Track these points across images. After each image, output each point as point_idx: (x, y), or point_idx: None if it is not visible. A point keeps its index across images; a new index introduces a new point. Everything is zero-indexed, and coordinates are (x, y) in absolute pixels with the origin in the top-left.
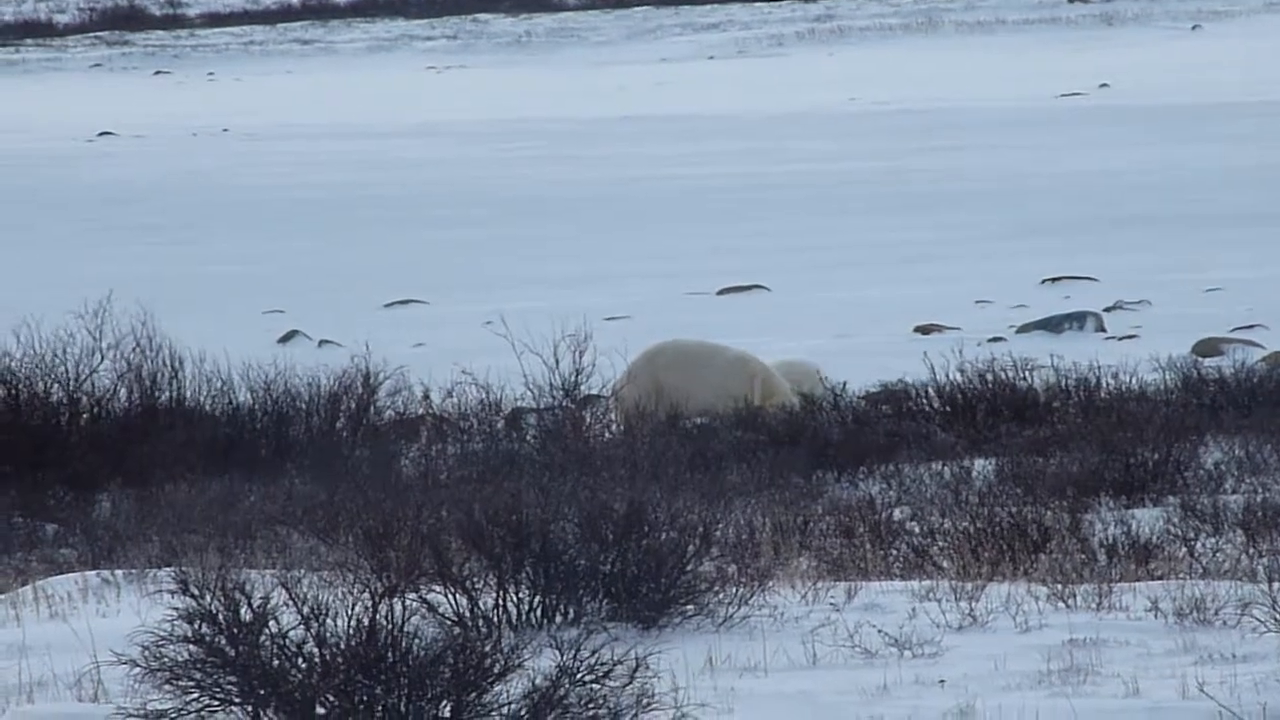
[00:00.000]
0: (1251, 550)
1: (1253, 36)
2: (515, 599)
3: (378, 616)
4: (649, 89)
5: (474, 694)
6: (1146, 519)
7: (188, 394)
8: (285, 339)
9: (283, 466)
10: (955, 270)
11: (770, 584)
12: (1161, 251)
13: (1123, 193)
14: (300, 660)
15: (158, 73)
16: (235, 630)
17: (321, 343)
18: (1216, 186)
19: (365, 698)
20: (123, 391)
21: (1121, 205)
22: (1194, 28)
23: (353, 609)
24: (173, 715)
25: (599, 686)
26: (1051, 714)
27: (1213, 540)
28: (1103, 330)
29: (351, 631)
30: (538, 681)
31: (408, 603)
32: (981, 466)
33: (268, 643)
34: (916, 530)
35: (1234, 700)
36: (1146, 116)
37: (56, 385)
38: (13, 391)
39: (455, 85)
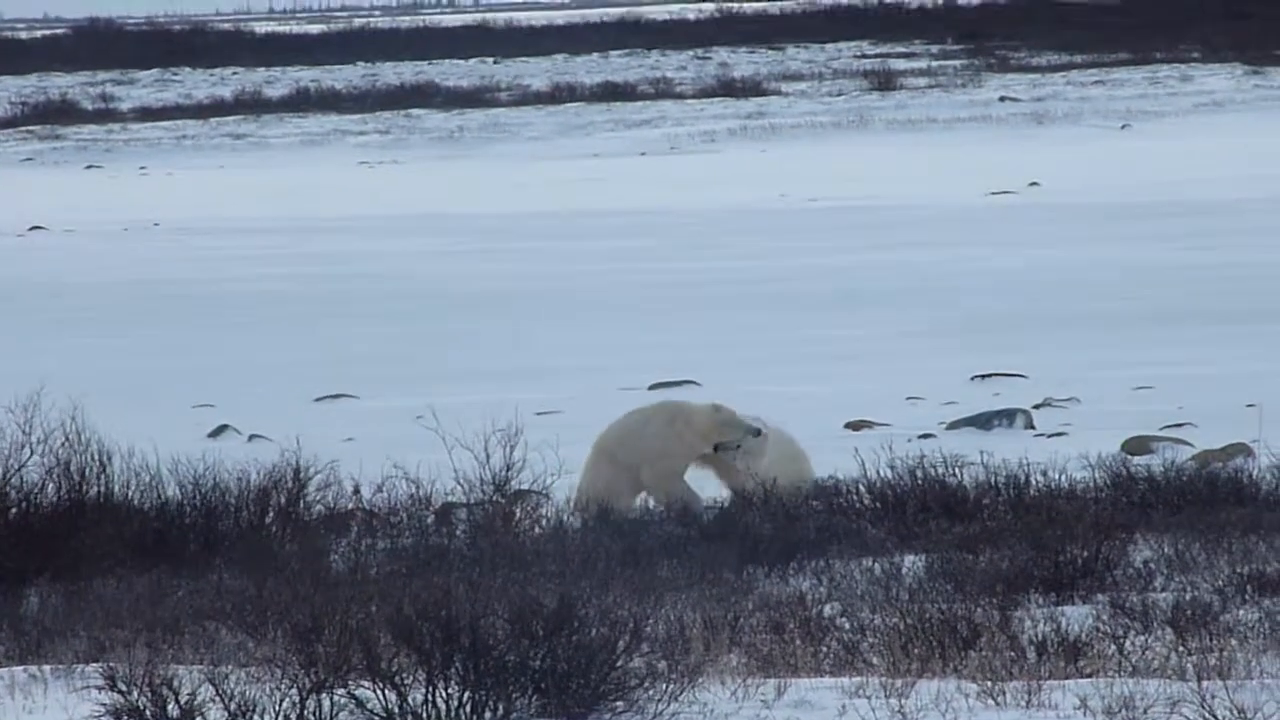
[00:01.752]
0: (1180, 649)
1: (1181, 137)
2: (444, 695)
3: (306, 712)
4: (581, 185)
5: None
6: (1076, 616)
7: (116, 489)
8: (215, 433)
9: (211, 561)
10: (886, 367)
11: (700, 680)
12: (1091, 349)
13: (1052, 290)
14: None
15: (89, 167)
16: None
17: (251, 437)
18: (1146, 285)
19: None
20: (50, 486)
21: (1051, 303)
22: (1123, 127)
23: (280, 705)
24: None
25: None
26: None
27: (1142, 638)
28: (1032, 427)
29: None
30: None
31: (336, 698)
32: (911, 562)
33: None
34: (846, 626)
35: None
36: (1076, 215)
37: None
38: None
39: (388, 180)
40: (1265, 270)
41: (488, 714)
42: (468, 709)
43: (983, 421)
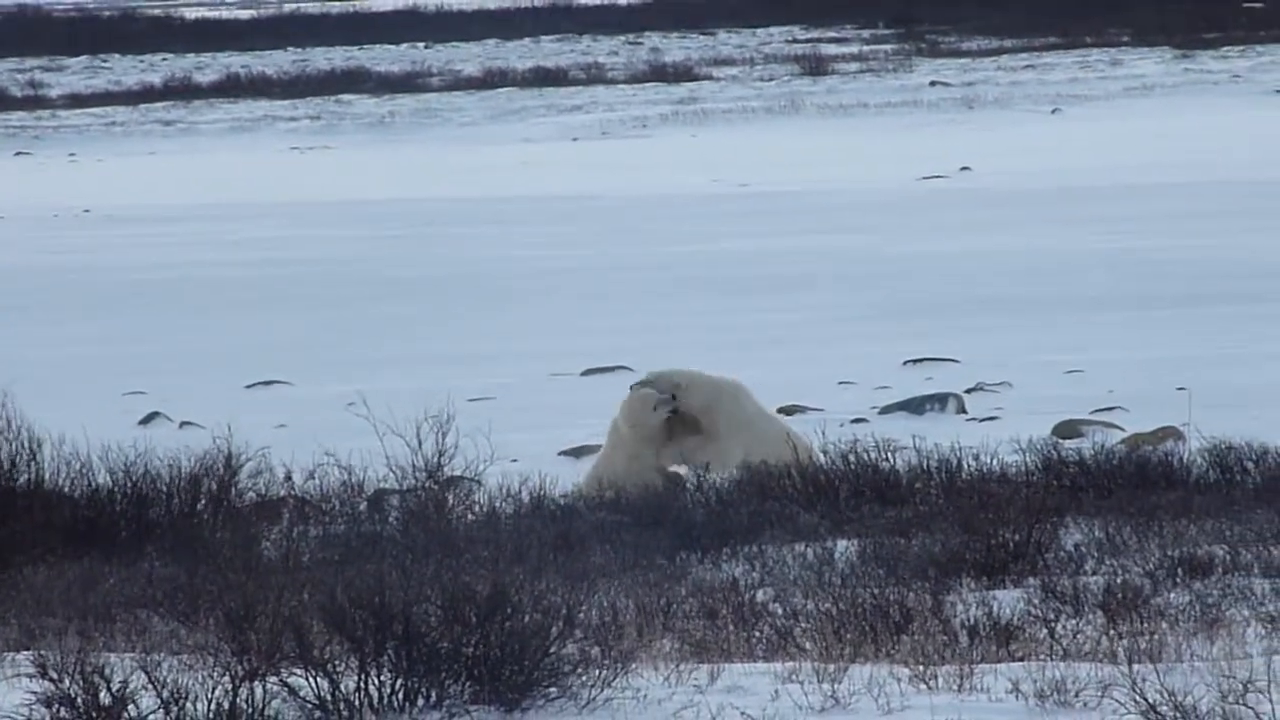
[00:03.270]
0: (1112, 632)
1: (1112, 120)
2: (377, 682)
3: (238, 700)
4: (512, 170)
5: None
6: (1007, 600)
7: (46, 476)
8: (146, 420)
9: (142, 549)
10: (817, 352)
11: (633, 666)
12: (1022, 333)
13: (984, 275)
14: None
15: (18, 154)
16: (94, 714)
17: (183, 424)
18: (1077, 269)
19: None
20: None
21: (982, 287)
22: (1053, 111)
23: (213, 692)
24: None
25: None
26: None
27: (1073, 622)
28: (964, 412)
29: (212, 715)
30: None
31: (269, 686)
32: (844, 547)
33: None
34: (779, 612)
35: None
36: (1007, 199)
37: None
38: None
39: (319, 166)
40: (1194, 254)
41: (420, 701)
42: (400, 696)
43: (915, 406)
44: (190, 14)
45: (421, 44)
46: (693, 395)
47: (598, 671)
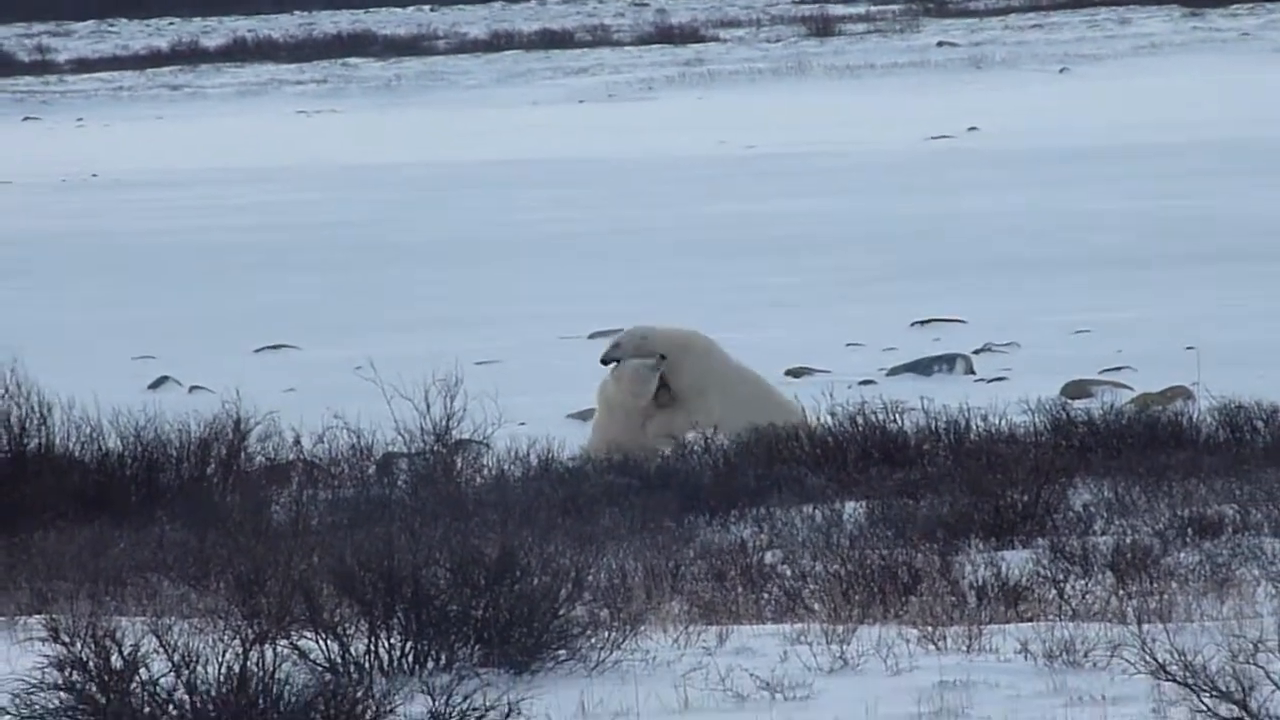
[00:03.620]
0: (1121, 592)
1: (1120, 79)
2: (387, 645)
3: (249, 663)
4: (519, 132)
5: None
6: (1016, 561)
7: (57, 440)
8: (155, 385)
9: (153, 513)
10: (825, 313)
11: (642, 628)
12: (1030, 294)
13: (991, 235)
14: (171, 708)
15: (26, 119)
16: (106, 678)
17: (192, 388)
18: (1084, 229)
19: None
20: None
21: (990, 248)
22: (1061, 71)
23: (223, 656)
24: None
25: None
26: None
27: (1082, 582)
28: (972, 373)
29: (222, 679)
30: None
31: (279, 649)
32: (852, 509)
33: (138, 690)
34: (788, 573)
35: None
36: (1014, 159)
37: None
38: None
39: (325, 129)
40: (1202, 213)
41: (430, 664)
42: (410, 659)
43: (923, 367)
44: None
45: (427, 6)
46: (670, 356)
47: (607, 634)
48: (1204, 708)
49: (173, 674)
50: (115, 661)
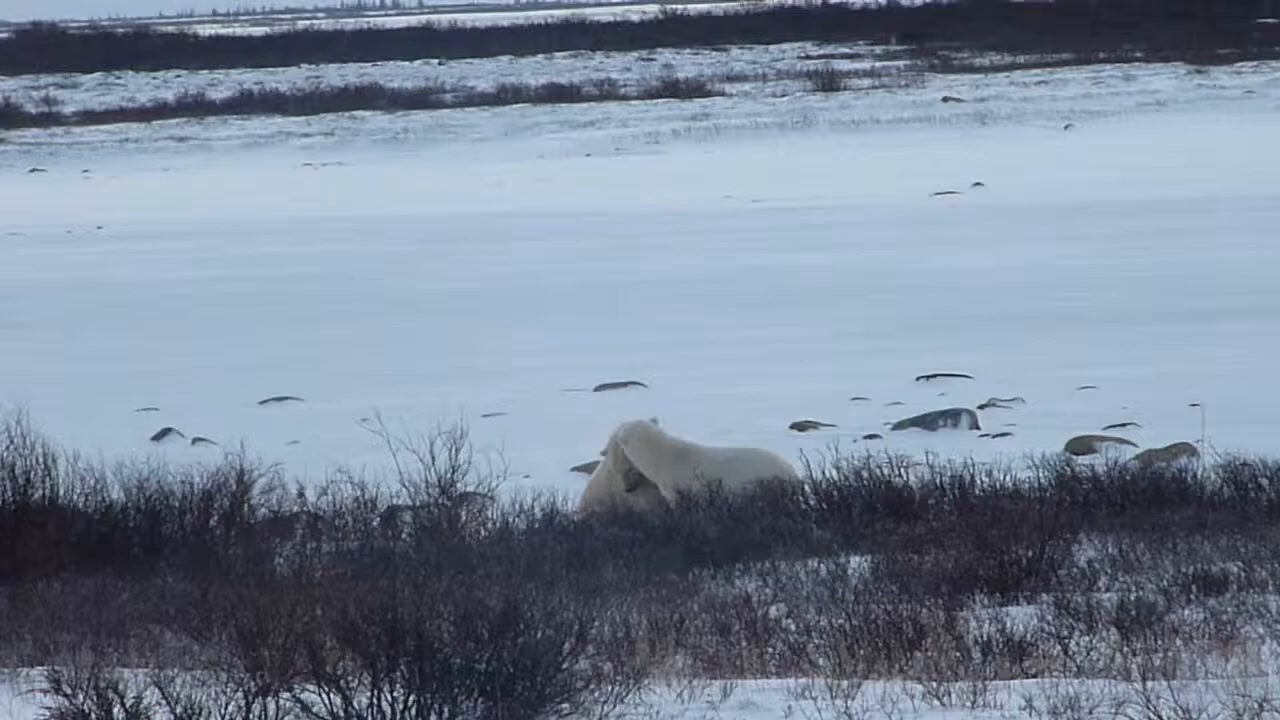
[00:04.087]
0: (1125, 649)
1: (1124, 135)
2: (390, 698)
3: (251, 716)
4: (526, 186)
5: None
6: (1021, 616)
7: (61, 492)
8: (159, 436)
9: (156, 564)
10: (831, 368)
11: (646, 682)
12: (1035, 349)
13: (997, 291)
14: None
15: (33, 170)
16: None
17: (195, 440)
18: (1089, 285)
19: None
20: None
21: (995, 303)
22: (1066, 127)
23: (226, 708)
24: None
25: None
26: None
27: (1087, 638)
28: (977, 427)
29: None
30: None
31: (282, 702)
32: (857, 563)
33: None
34: (792, 628)
35: None
36: (1020, 215)
37: None
38: None
39: (332, 181)
40: (1206, 269)
41: (433, 717)
42: (413, 712)
43: (928, 422)
44: (204, 31)
45: (435, 60)
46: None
47: (610, 687)
48: None
49: None
50: (118, 713)
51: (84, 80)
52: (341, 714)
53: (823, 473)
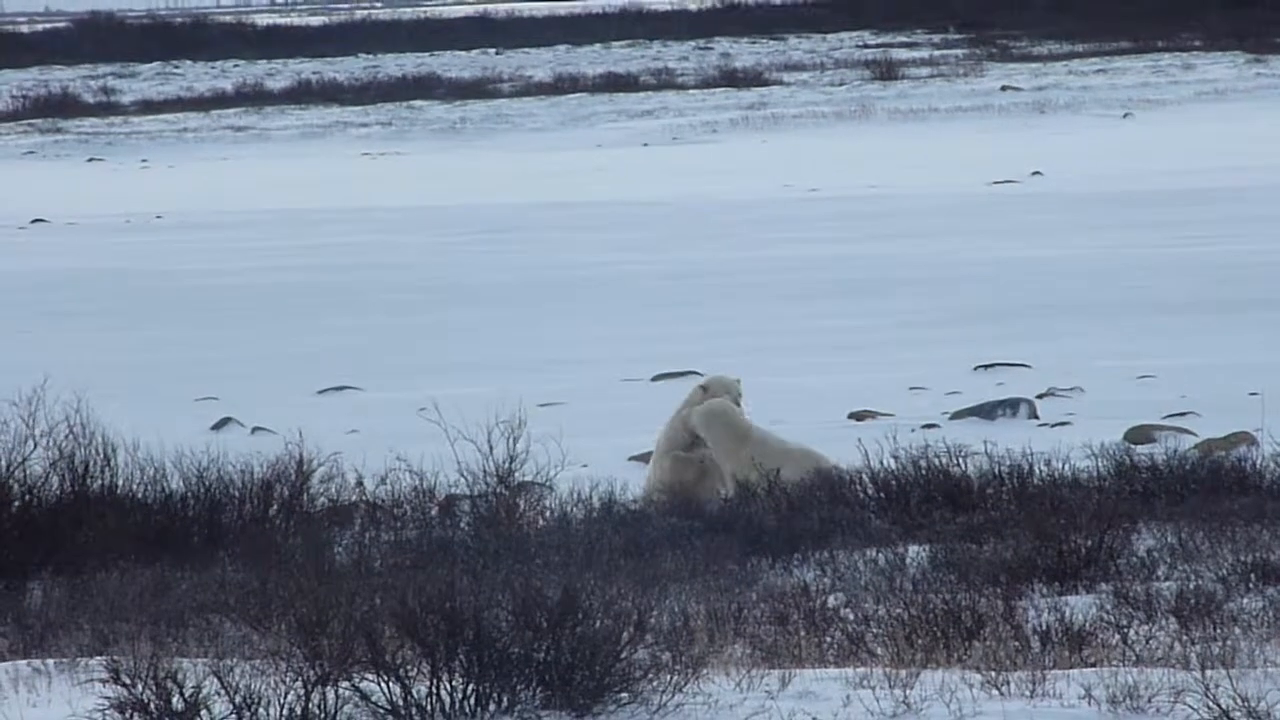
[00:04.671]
0: (1184, 638)
1: (1183, 125)
2: (449, 687)
3: (310, 705)
4: (583, 175)
5: None
6: (1079, 606)
7: (120, 482)
8: (218, 426)
9: (215, 554)
10: (888, 357)
11: (704, 671)
12: (1094, 338)
13: (1055, 280)
14: None
15: (91, 160)
16: None
17: (254, 430)
18: (1148, 274)
19: None
20: (55, 479)
21: (1054, 292)
22: (1125, 116)
23: (285, 698)
24: None
25: None
26: None
27: (1146, 627)
28: (1035, 417)
29: None
30: None
31: (341, 691)
32: (915, 553)
33: None
34: (851, 617)
35: None
36: (1078, 204)
37: None
38: None
39: (389, 171)
40: (1267, 258)
41: (492, 706)
42: (472, 701)
43: (986, 411)
44: (262, 20)
45: (492, 50)
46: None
47: (669, 677)
48: None
49: (234, 715)
50: (176, 703)
51: (142, 70)
52: (400, 703)
53: (881, 462)
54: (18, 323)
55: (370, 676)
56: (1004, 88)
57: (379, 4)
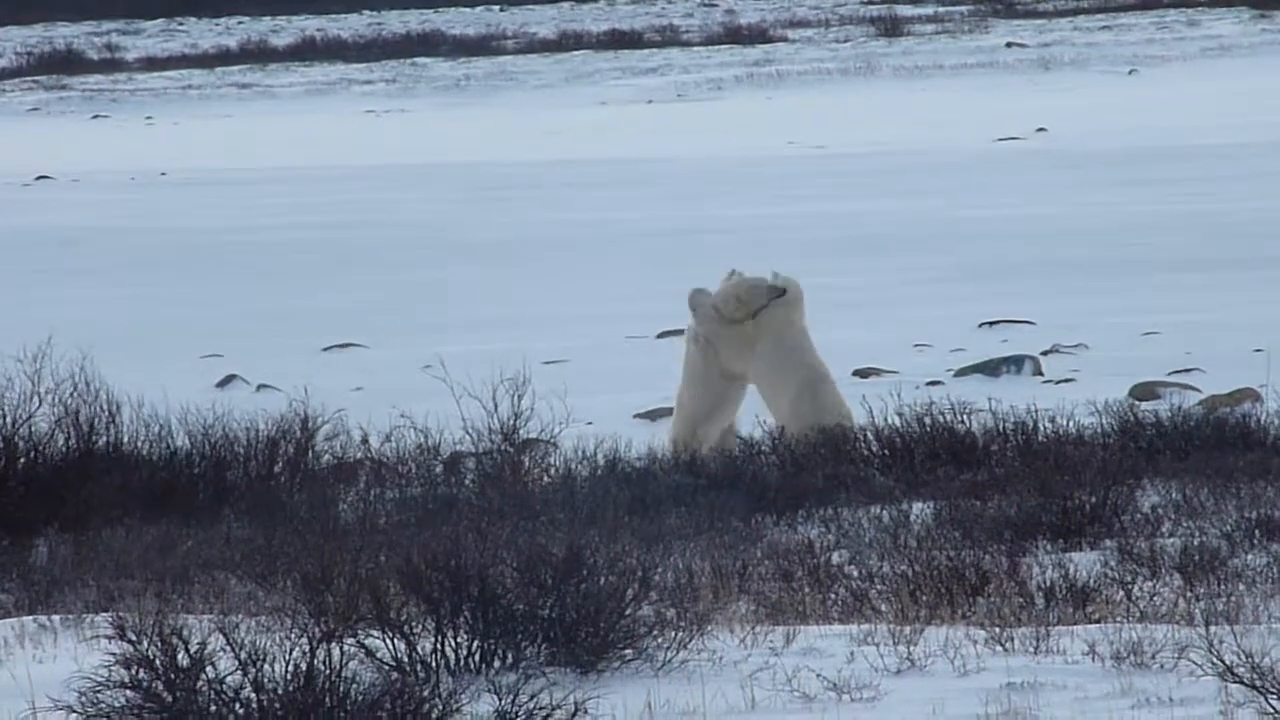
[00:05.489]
0: (1189, 594)
1: (1188, 81)
2: (453, 644)
3: (315, 661)
4: (587, 133)
5: None
6: (1084, 562)
7: (125, 438)
8: (223, 383)
9: (220, 511)
10: (893, 314)
11: (709, 628)
12: (1098, 295)
13: (1060, 236)
14: (238, 706)
15: (95, 116)
16: (172, 676)
17: (259, 387)
18: (1153, 231)
19: None
20: (60, 436)
21: (1059, 249)
22: (1130, 72)
23: (290, 654)
24: None
25: None
26: None
27: (1150, 584)
28: (1040, 374)
29: (289, 677)
30: None
31: (346, 648)
32: (920, 510)
33: (205, 688)
34: (855, 574)
35: None
36: (1083, 161)
37: None
38: None
39: (393, 128)
40: (1273, 215)
41: (496, 663)
42: (476, 658)
43: (991, 368)
44: None
45: (496, 7)
46: (793, 303)
47: (673, 634)
48: (1271, 710)
49: (239, 672)
50: (182, 659)
51: (147, 26)
52: (405, 659)
53: (885, 419)
54: (23, 279)
55: (375, 633)
56: (1009, 44)
57: None
